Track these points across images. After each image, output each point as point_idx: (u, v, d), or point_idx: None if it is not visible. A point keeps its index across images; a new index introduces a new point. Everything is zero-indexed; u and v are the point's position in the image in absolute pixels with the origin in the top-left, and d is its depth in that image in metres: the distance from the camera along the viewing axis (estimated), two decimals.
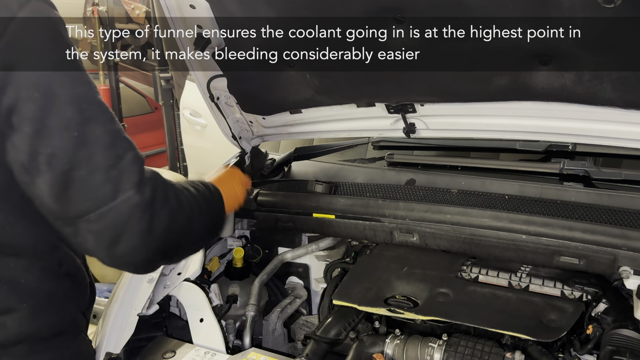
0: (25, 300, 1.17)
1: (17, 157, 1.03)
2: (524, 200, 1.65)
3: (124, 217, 1.08)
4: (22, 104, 1.00)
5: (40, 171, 1.03)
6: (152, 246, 1.14)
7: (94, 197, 1.06)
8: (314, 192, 1.94)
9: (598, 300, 1.49)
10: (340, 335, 1.59)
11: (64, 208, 1.07)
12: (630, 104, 1.36)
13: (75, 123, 1.04)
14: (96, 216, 1.06)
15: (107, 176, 1.06)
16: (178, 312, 1.75)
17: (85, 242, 1.10)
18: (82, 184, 1.05)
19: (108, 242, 1.09)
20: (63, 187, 1.04)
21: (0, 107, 1.00)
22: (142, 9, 5.51)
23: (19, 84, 1.00)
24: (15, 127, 1.01)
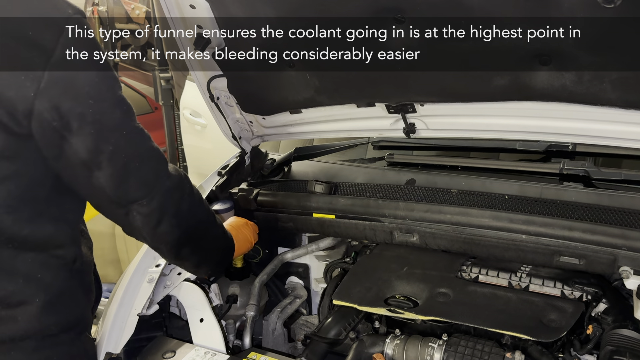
0: (39, 295, 1.21)
1: (77, 156, 1.16)
2: (524, 200, 1.65)
3: (166, 201, 1.30)
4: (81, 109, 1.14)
5: (102, 166, 1.18)
6: (183, 226, 1.36)
7: (146, 185, 1.26)
8: (314, 192, 1.94)
9: (598, 300, 1.49)
10: (340, 335, 1.59)
11: (121, 195, 1.24)
12: (630, 104, 1.36)
13: (123, 122, 1.21)
14: (147, 200, 1.26)
15: (152, 166, 1.27)
16: (178, 312, 1.75)
17: (134, 221, 1.28)
18: (137, 174, 1.24)
19: (154, 222, 1.29)
20: (122, 178, 1.22)
21: (60, 112, 1.12)
22: (142, 9, 5.52)
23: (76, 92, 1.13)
24: (75, 130, 1.14)
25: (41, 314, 1.21)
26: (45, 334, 1.22)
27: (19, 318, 1.19)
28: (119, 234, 3.52)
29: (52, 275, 1.24)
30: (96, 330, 1.61)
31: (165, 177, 1.29)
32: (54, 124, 1.12)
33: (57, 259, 1.25)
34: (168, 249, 1.39)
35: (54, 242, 1.24)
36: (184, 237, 1.38)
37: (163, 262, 1.74)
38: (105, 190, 1.21)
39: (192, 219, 1.40)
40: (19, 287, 1.19)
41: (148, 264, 1.73)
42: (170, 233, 1.34)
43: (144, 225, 1.29)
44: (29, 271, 1.20)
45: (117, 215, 1.30)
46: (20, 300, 1.19)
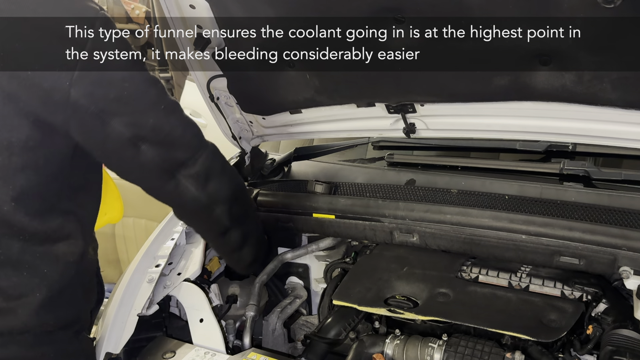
0: (41, 289, 1.22)
1: (122, 136, 1.25)
2: (524, 200, 1.65)
3: (209, 161, 1.42)
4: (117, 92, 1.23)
5: (147, 138, 1.28)
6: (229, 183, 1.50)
7: (189, 148, 1.38)
8: (314, 192, 1.94)
9: (598, 300, 1.49)
10: (340, 335, 1.59)
11: (169, 162, 1.35)
12: (630, 104, 1.36)
13: (158, 97, 1.31)
14: (192, 161, 1.37)
15: (192, 131, 1.40)
16: (178, 312, 1.75)
17: (186, 188, 1.38)
18: (181, 140, 1.36)
19: (203, 180, 1.40)
20: (169, 146, 1.33)
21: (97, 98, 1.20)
22: (142, 9, 5.51)
23: (109, 78, 1.22)
24: (115, 112, 1.23)
25: (40, 308, 1.22)
26: (43, 329, 1.23)
27: (18, 311, 1.19)
28: (119, 234, 3.51)
29: (58, 271, 1.25)
30: (96, 330, 1.61)
31: (205, 141, 1.43)
32: (91, 108, 1.19)
33: (64, 255, 1.27)
34: (222, 208, 1.48)
35: (63, 237, 1.27)
36: (233, 195, 1.50)
37: (163, 262, 1.74)
38: (155, 161, 1.31)
39: (235, 180, 1.55)
40: (23, 280, 1.20)
41: (148, 264, 1.74)
42: (220, 189, 1.45)
43: (196, 187, 1.39)
44: (35, 265, 1.22)
45: (168, 192, 1.39)
46: (22, 292, 1.20)
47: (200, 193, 1.41)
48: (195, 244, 1.87)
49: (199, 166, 1.39)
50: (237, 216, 1.55)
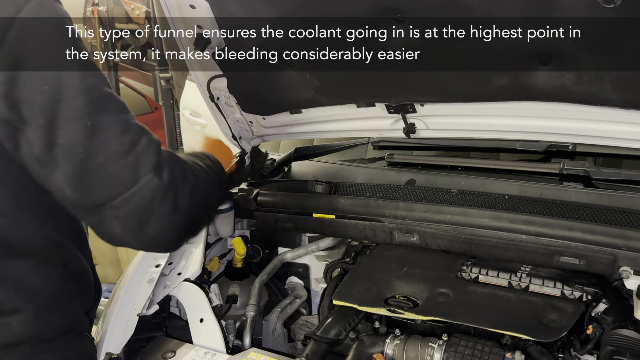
0: (31, 301, 1.17)
1: (31, 151, 1.03)
2: (524, 200, 1.65)
3: (147, 201, 1.09)
4: (33, 97, 1.01)
5: (57, 163, 1.03)
6: (179, 224, 1.16)
7: (114, 184, 1.07)
8: (314, 192, 1.94)
9: (598, 300, 1.49)
10: (340, 335, 1.59)
11: (85, 198, 1.08)
12: (630, 104, 1.36)
13: (87, 112, 1.04)
14: (120, 202, 1.07)
15: (125, 162, 1.06)
16: (178, 312, 1.75)
17: (112, 229, 1.11)
18: (101, 171, 1.05)
19: (135, 226, 1.10)
20: (81, 177, 1.05)
21: (11, 101, 1.00)
22: (142, 9, 5.51)
23: (28, 77, 1.00)
24: (28, 120, 1.01)
25: (36, 320, 1.18)
26: (40, 339, 1.19)
27: (13, 324, 1.15)
28: None
29: (42, 280, 1.19)
30: (96, 330, 1.61)
31: (147, 175, 1.08)
32: (4, 115, 1.00)
33: (46, 263, 1.20)
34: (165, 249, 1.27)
35: (42, 246, 1.19)
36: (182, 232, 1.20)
37: (163, 262, 1.74)
38: (64, 191, 1.06)
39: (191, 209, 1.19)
40: (10, 295, 1.15)
41: (148, 264, 1.74)
42: (163, 234, 1.14)
43: (124, 231, 1.10)
44: (18, 278, 1.16)
45: (93, 225, 1.14)
46: (14, 307, 1.15)
47: (131, 239, 1.13)
48: (195, 244, 1.87)
49: (128, 209, 1.07)
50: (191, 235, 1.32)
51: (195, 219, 1.25)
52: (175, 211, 1.13)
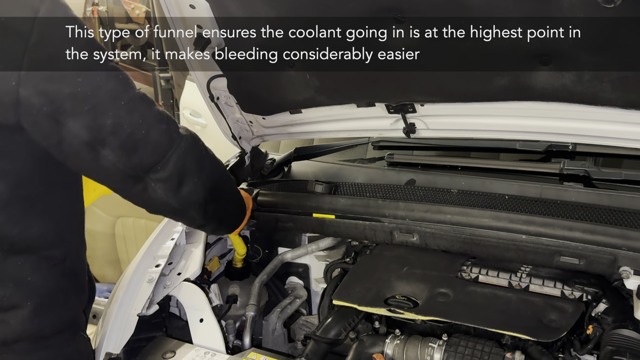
0: (30, 298, 1.18)
1: (79, 139, 1.12)
2: (524, 200, 1.65)
3: (182, 161, 1.26)
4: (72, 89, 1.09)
5: (106, 142, 1.14)
6: (206, 182, 1.34)
7: (157, 150, 1.22)
8: (314, 192, 1.94)
9: (598, 300, 1.49)
10: (340, 335, 1.59)
11: (135, 166, 1.20)
12: (630, 104, 1.36)
13: (119, 92, 1.16)
14: (162, 165, 1.23)
15: (160, 129, 1.22)
16: (178, 312, 1.75)
17: (154, 192, 1.25)
18: (146, 141, 1.19)
19: (175, 185, 1.26)
20: (132, 149, 1.18)
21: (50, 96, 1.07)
22: (142, 9, 5.52)
23: (61, 72, 1.08)
24: (69, 112, 1.09)
25: (34, 317, 1.18)
26: (38, 336, 1.20)
27: (10, 321, 1.16)
28: (119, 234, 3.51)
29: (42, 277, 1.21)
30: (96, 330, 1.61)
31: (177, 138, 1.25)
32: (44, 109, 1.07)
33: (47, 259, 1.22)
34: (196, 210, 1.37)
35: (43, 241, 1.21)
36: (209, 194, 1.36)
37: (163, 262, 1.74)
38: (117, 166, 1.18)
39: (212, 174, 1.39)
40: (10, 291, 1.16)
41: (148, 264, 1.74)
42: (195, 192, 1.31)
43: (166, 192, 1.25)
44: (19, 274, 1.17)
45: (136, 194, 1.27)
46: (12, 304, 1.16)
47: (171, 199, 1.28)
48: (195, 243, 1.87)
49: (169, 170, 1.24)
50: (213, 213, 1.45)
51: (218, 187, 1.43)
52: (202, 170, 1.32)
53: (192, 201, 1.33)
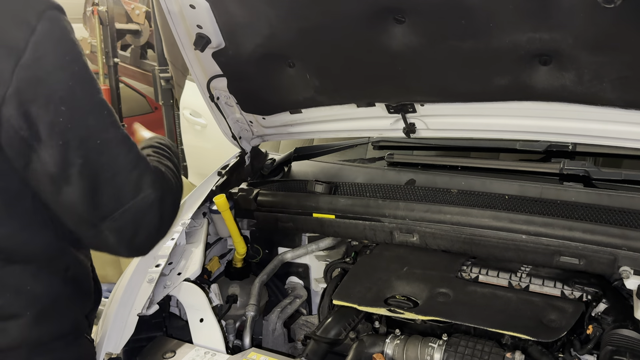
0: (30, 307, 1.16)
1: (45, 170, 1.05)
2: (524, 200, 1.65)
3: (143, 213, 1.14)
4: (53, 118, 1.02)
5: (71, 181, 1.06)
6: (163, 232, 1.23)
7: (118, 197, 1.11)
8: (314, 192, 1.94)
9: (598, 300, 1.49)
10: (340, 335, 1.59)
11: (93, 211, 1.10)
12: (630, 104, 1.36)
13: (97, 130, 1.07)
14: (119, 214, 1.11)
15: (129, 177, 1.12)
16: (178, 312, 1.75)
17: (106, 240, 1.15)
18: (109, 186, 1.09)
19: (129, 236, 1.15)
20: (93, 193, 1.08)
21: (30, 119, 1.01)
22: (142, 9, 5.51)
23: (47, 98, 1.01)
24: (45, 140, 1.02)
25: (34, 325, 1.17)
26: (37, 342, 1.18)
27: (9, 330, 1.14)
28: None
29: (42, 285, 1.18)
30: (96, 330, 1.61)
31: (145, 190, 1.14)
32: (21, 132, 1.01)
33: (47, 269, 1.19)
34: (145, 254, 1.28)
35: (43, 252, 1.19)
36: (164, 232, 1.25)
37: (163, 262, 1.74)
38: (76, 207, 1.09)
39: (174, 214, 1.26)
40: (8, 301, 1.14)
41: (148, 264, 1.73)
42: (149, 243, 1.21)
43: (118, 242, 1.15)
44: (17, 283, 1.15)
45: (87, 238, 1.18)
46: (11, 313, 1.15)
47: (121, 249, 1.18)
48: (195, 243, 1.87)
49: (125, 220, 1.13)
50: None
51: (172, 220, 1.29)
52: (162, 220, 1.20)
53: (143, 250, 1.23)
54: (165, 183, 1.21)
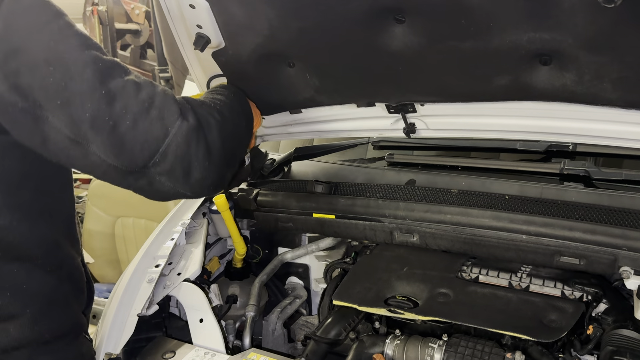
0: (28, 306, 1.16)
1: (62, 135, 1.03)
2: (524, 200, 1.65)
3: (183, 147, 1.11)
4: (43, 81, 1.00)
5: (89, 138, 1.03)
6: (218, 162, 1.20)
7: (149, 141, 1.08)
8: (314, 192, 1.94)
9: (598, 300, 1.49)
10: (340, 335, 1.59)
11: (128, 162, 1.08)
12: (631, 104, 1.36)
13: (99, 81, 1.04)
14: (160, 156, 1.09)
15: (150, 117, 1.08)
16: (178, 313, 1.75)
17: (162, 185, 1.13)
18: (133, 133, 1.06)
19: (182, 175, 1.13)
20: (118, 143, 1.05)
21: (22, 90, 1.00)
22: (142, 9, 5.52)
23: (31, 64, 0.99)
24: (45, 105, 1.00)
25: (34, 324, 1.17)
26: (39, 342, 1.18)
27: (10, 330, 1.14)
28: (119, 234, 3.51)
29: (38, 284, 1.18)
30: (96, 330, 1.61)
31: (174, 123, 1.10)
32: (19, 105, 1.00)
33: (42, 266, 1.20)
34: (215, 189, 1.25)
35: (39, 246, 1.19)
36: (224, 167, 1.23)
37: (163, 262, 1.74)
38: (108, 162, 1.06)
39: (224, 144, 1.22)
40: (7, 301, 1.14)
41: (148, 264, 1.73)
42: (207, 176, 1.17)
43: (174, 184, 1.13)
44: (14, 282, 1.15)
45: (142, 188, 1.15)
46: (11, 313, 1.15)
47: (181, 188, 1.15)
48: (195, 244, 1.87)
49: (170, 160, 1.10)
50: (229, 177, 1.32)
51: (230, 153, 1.27)
52: (211, 150, 1.17)
53: (207, 185, 1.19)
54: (205, 111, 1.19)
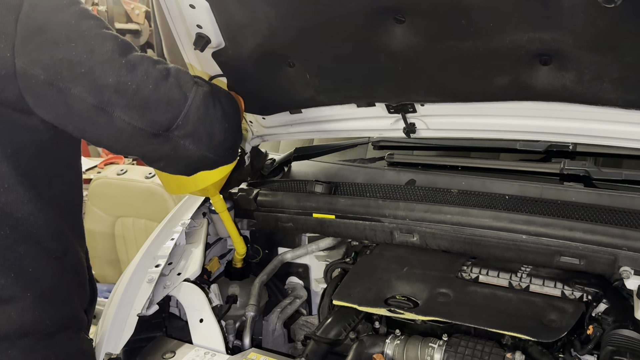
0: (30, 289, 1.19)
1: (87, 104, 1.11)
2: (524, 200, 1.65)
3: (203, 110, 1.22)
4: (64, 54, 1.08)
5: (113, 102, 1.12)
6: (234, 124, 1.31)
7: (171, 104, 1.18)
8: (314, 192, 1.94)
9: (598, 300, 1.49)
10: (341, 335, 1.59)
11: (153, 124, 1.17)
12: (631, 104, 1.36)
13: (118, 53, 1.13)
14: (183, 119, 1.19)
15: (169, 83, 1.18)
16: (178, 313, 1.75)
17: (186, 150, 1.22)
18: (155, 96, 1.16)
19: (206, 137, 1.23)
20: (142, 104, 1.14)
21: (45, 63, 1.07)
22: (142, 9, 5.52)
23: (53, 41, 1.07)
24: (67, 77, 1.09)
25: (34, 309, 1.19)
26: (41, 332, 1.20)
27: (11, 313, 1.16)
28: (119, 234, 3.51)
29: (43, 268, 1.21)
30: (96, 330, 1.61)
31: (191, 88, 1.21)
32: (41, 77, 1.07)
33: (48, 251, 1.22)
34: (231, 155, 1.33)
35: (44, 231, 1.22)
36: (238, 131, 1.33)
37: (163, 262, 1.74)
38: (133, 125, 1.15)
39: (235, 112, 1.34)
40: (10, 281, 1.16)
41: (148, 264, 1.73)
42: (229, 137, 1.28)
43: (198, 146, 1.22)
44: (20, 264, 1.18)
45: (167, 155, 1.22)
46: (12, 295, 1.17)
47: (205, 151, 1.25)
48: (195, 244, 1.87)
49: (192, 122, 1.20)
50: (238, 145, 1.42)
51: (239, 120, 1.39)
52: (227, 113, 1.28)
53: (228, 147, 1.29)
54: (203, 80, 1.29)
